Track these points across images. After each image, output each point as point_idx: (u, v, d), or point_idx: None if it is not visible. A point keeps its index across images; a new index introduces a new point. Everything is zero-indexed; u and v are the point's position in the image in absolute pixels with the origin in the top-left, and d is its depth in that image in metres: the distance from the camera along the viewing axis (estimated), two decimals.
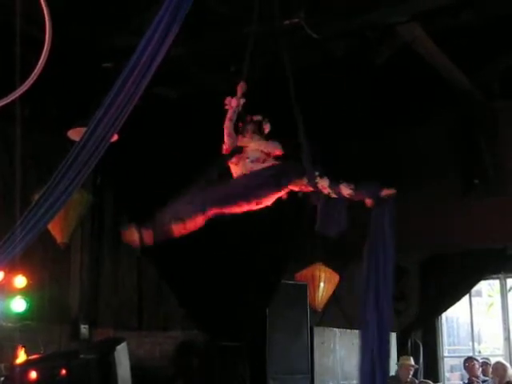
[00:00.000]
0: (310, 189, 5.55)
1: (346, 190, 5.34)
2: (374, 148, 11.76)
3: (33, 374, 8.18)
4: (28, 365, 8.38)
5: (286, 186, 5.59)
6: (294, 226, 9.78)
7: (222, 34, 8.55)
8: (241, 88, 6.01)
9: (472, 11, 8.27)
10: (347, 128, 11.02)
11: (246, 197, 5.60)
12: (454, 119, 11.56)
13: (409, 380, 11.25)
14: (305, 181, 5.52)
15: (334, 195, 5.41)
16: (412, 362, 11.55)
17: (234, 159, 5.88)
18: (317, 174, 5.47)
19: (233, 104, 6.00)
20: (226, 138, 5.94)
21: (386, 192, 5.29)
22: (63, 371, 8.25)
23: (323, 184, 5.41)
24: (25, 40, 6.45)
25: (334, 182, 5.40)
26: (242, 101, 6.01)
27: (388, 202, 5.32)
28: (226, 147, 5.95)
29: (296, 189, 5.63)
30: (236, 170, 5.87)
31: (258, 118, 6.09)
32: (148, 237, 5.91)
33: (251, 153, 5.83)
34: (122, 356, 8.63)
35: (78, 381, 8.31)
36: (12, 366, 8.39)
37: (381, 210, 5.32)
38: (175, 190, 10.60)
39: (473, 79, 10.40)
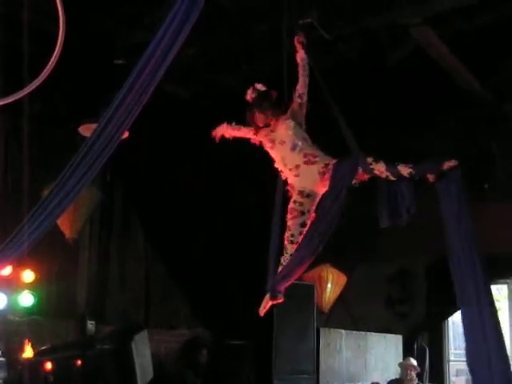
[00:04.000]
0: (366, 176, 5.41)
1: (405, 170, 5.18)
2: (384, 150, 11.73)
3: (48, 365, 8.21)
4: (43, 355, 8.39)
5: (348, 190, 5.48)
6: None
7: (234, 34, 8.55)
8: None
9: (484, 14, 8.25)
10: (356, 129, 10.99)
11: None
12: (465, 122, 11.53)
13: (408, 378, 11.23)
14: (360, 170, 5.37)
15: (392, 178, 5.25)
16: (413, 362, 11.53)
17: (267, 144, 5.74)
18: (370, 159, 5.34)
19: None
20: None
21: (447, 164, 5.11)
22: (79, 362, 8.25)
23: (380, 168, 5.28)
24: (37, 36, 6.48)
25: (391, 165, 5.26)
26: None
27: (451, 175, 5.14)
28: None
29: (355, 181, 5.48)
30: (275, 154, 5.73)
31: (260, 87, 5.89)
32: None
33: (285, 137, 5.67)
34: (140, 345, 8.55)
35: (94, 371, 8.30)
36: (27, 357, 8.42)
37: (446, 185, 5.16)
38: (184, 188, 10.65)
39: (484, 82, 10.37)
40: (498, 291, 15.14)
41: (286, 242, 5.77)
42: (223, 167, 10.72)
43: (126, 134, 5.42)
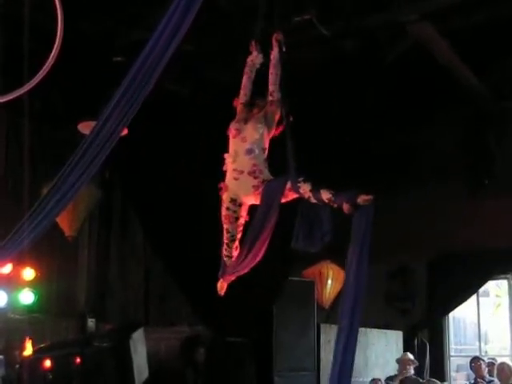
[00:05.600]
0: (292, 197, 5.50)
1: (325, 195, 5.24)
2: (383, 147, 11.75)
3: (47, 362, 8.23)
4: (42, 352, 8.40)
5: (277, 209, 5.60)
6: None
7: (232, 32, 8.55)
8: (254, 45, 6.07)
9: (482, 11, 8.25)
10: (355, 126, 11.01)
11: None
12: (464, 118, 11.54)
13: (406, 372, 11.32)
14: (288, 185, 5.45)
15: (313, 200, 5.32)
16: (410, 356, 11.59)
17: (233, 130, 5.80)
18: (300, 179, 5.39)
19: (249, 59, 6.05)
20: (240, 93, 6.00)
21: (362, 198, 5.13)
22: (77, 359, 8.28)
23: (305, 188, 5.33)
24: (37, 34, 6.47)
25: (316, 187, 5.31)
26: (260, 57, 6.03)
27: (365, 208, 5.17)
28: (236, 101, 6.00)
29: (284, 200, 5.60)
30: (231, 144, 5.81)
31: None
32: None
33: (249, 136, 5.74)
34: (138, 343, 8.61)
35: (93, 369, 8.33)
36: (26, 354, 8.44)
37: (358, 217, 5.20)
38: (184, 186, 10.66)
39: (482, 78, 10.37)
40: (498, 286, 15.16)
41: (226, 241, 5.98)
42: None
43: (125, 132, 5.44)
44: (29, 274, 8.94)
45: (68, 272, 10.50)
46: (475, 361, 11.75)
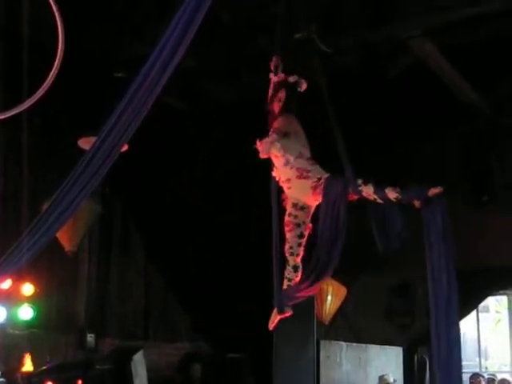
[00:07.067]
0: (356, 197, 5.41)
1: (392, 194, 5.19)
2: (383, 162, 11.74)
3: None
4: (44, 375, 8.38)
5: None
6: None
7: (233, 47, 8.57)
8: (274, 62, 5.97)
9: (485, 27, 8.26)
10: (357, 142, 11.00)
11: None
12: (465, 135, 11.53)
13: None
14: (349, 190, 5.38)
15: (379, 201, 5.29)
16: (390, 379, 11.64)
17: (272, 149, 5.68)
18: (360, 181, 5.34)
19: (273, 81, 5.95)
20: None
21: (433, 191, 5.13)
22: (79, 382, 8.28)
23: (368, 191, 5.28)
24: (37, 49, 6.48)
25: (379, 187, 5.28)
26: (280, 76, 5.93)
27: (437, 201, 5.15)
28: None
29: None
30: (274, 161, 5.69)
31: (293, 79, 5.92)
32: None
33: (279, 153, 5.61)
34: (138, 366, 8.64)
35: None
36: (28, 376, 8.40)
37: (431, 211, 5.15)
38: (184, 201, 10.66)
39: (484, 95, 10.39)
40: (498, 302, 15.15)
41: (286, 255, 5.76)
42: (224, 181, 10.72)
43: (125, 147, 5.43)
44: (28, 289, 8.93)
45: (67, 287, 10.48)
46: (475, 377, 11.73)
